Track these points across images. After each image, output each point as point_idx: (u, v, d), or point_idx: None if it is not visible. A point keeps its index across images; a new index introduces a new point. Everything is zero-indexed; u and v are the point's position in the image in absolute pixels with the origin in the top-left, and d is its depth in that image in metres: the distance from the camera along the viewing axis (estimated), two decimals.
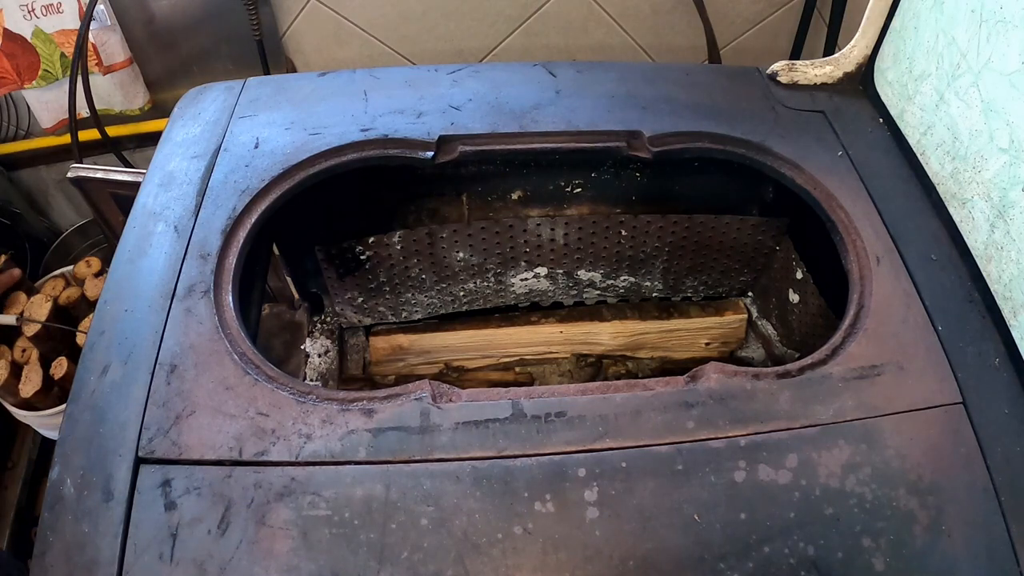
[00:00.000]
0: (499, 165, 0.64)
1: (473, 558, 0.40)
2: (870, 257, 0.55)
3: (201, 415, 0.44)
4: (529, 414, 0.45)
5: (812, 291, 0.70)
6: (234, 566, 0.39)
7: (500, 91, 0.64)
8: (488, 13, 1.15)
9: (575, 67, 0.68)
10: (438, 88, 0.64)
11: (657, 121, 0.62)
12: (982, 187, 0.53)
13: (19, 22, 0.99)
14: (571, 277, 0.79)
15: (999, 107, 0.51)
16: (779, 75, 0.69)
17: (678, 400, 0.46)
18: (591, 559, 0.40)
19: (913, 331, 0.50)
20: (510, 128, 0.61)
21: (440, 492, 0.42)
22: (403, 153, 0.59)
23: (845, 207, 0.58)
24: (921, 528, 0.42)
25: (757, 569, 0.40)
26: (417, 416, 0.44)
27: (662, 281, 0.80)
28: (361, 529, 0.40)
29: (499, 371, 0.83)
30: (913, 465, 0.44)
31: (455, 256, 0.73)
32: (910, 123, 0.63)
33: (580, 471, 0.43)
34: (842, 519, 0.42)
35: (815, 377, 0.48)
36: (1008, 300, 0.51)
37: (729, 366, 0.48)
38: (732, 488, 0.43)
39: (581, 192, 0.68)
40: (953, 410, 0.47)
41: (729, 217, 0.72)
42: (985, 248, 0.53)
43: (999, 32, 0.51)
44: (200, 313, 0.48)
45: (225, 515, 0.40)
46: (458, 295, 0.79)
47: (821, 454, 0.44)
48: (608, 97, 0.64)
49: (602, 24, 1.19)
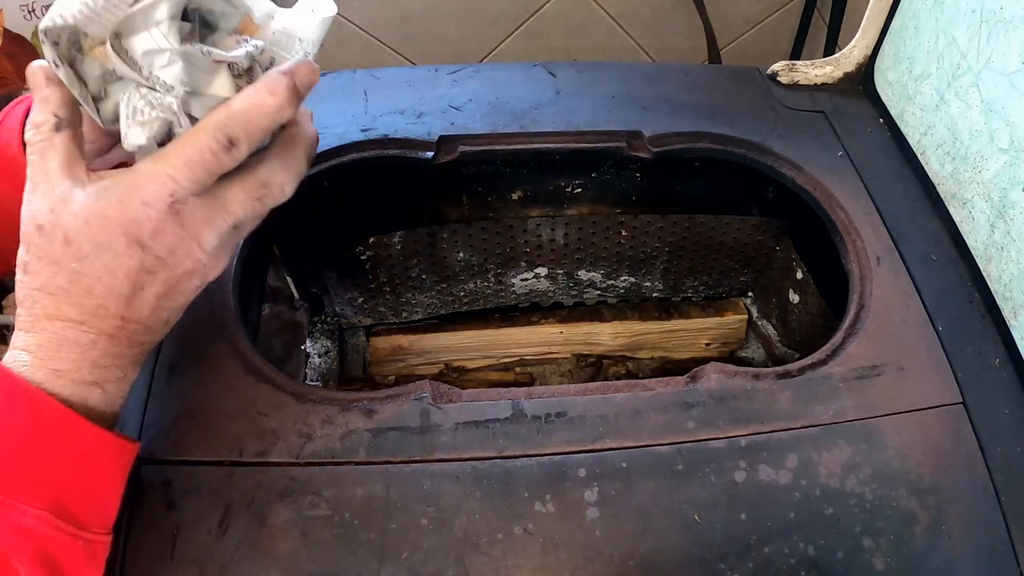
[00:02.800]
0: (499, 165, 0.64)
1: (473, 558, 0.40)
2: (870, 257, 0.55)
3: (201, 415, 0.44)
4: (529, 414, 0.45)
5: (812, 291, 0.70)
6: (234, 566, 0.39)
7: (500, 91, 0.64)
8: (488, 13, 1.15)
9: (575, 67, 0.68)
10: (438, 88, 0.64)
11: (657, 121, 0.62)
12: (982, 187, 0.53)
13: (19, 22, 0.99)
14: (571, 277, 0.79)
15: (999, 107, 0.51)
16: (779, 75, 0.69)
17: (678, 400, 0.46)
18: (591, 559, 0.40)
19: (913, 331, 0.51)
20: (510, 128, 0.61)
21: (440, 492, 0.42)
22: (403, 153, 0.59)
23: (845, 207, 0.58)
24: (921, 528, 0.42)
25: (757, 569, 0.40)
26: (417, 416, 0.44)
27: (662, 281, 0.80)
28: (361, 529, 0.40)
29: (499, 371, 0.83)
30: (913, 465, 0.44)
31: (455, 256, 0.73)
32: (910, 123, 0.63)
33: (580, 471, 0.43)
34: (842, 519, 0.42)
35: (815, 377, 0.48)
36: (1008, 300, 0.51)
37: (729, 366, 0.48)
38: (732, 488, 0.43)
39: (581, 192, 0.68)
40: (953, 410, 0.47)
41: (729, 217, 0.72)
42: (985, 248, 0.53)
43: (999, 32, 0.51)
44: (200, 313, 0.48)
45: (225, 515, 0.40)
46: (458, 295, 0.79)
47: (821, 454, 0.44)
48: (608, 97, 0.64)
49: (602, 24, 1.19)
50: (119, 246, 0.35)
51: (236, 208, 0.38)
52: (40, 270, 0.36)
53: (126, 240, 0.35)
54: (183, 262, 0.37)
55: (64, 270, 0.35)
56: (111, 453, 0.38)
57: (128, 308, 0.37)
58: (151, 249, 0.36)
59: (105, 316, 0.36)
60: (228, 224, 0.38)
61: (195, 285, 0.39)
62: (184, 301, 0.39)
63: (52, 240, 0.35)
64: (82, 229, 0.35)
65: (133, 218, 0.35)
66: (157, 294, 0.37)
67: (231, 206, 0.38)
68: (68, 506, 0.35)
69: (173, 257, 0.37)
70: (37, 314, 0.36)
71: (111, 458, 0.38)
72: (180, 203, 0.36)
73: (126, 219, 0.35)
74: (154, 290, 0.37)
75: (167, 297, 0.38)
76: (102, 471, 0.37)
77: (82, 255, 0.35)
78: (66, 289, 0.35)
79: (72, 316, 0.36)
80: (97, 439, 0.37)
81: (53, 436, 0.35)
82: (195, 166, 0.35)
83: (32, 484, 0.34)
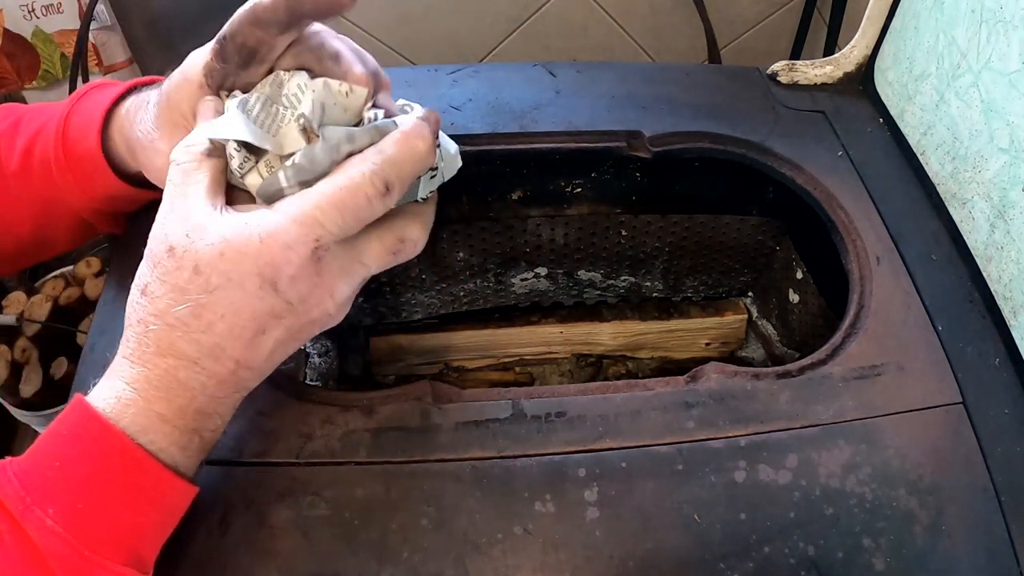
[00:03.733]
0: (499, 165, 0.64)
1: (473, 558, 0.40)
2: (870, 257, 0.55)
3: None
4: (529, 414, 0.45)
5: (812, 291, 0.70)
6: (234, 566, 0.39)
7: (500, 91, 0.64)
8: (488, 13, 1.15)
9: (575, 67, 0.68)
10: (438, 88, 0.64)
11: (657, 121, 0.62)
12: (982, 187, 0.53)
13: (19, 22, 0.99)
14: (571, 277, 0.79)
15: (999, 107, 0.51)
16: (779, 75, 0.69)
17: (678, 400, 0.46)
18: (591, 559, 0.40)
19: (913, 331, 0.51)
20: (510, 128, 0.61)
21: (440, 492, 0.42)
22: None
23: (845, 207, 0.58)
24: (921, 528, 0.42)
25: (757, 569, 0.40)
26: (417, 416, 0.44)
27: (662, 281, 0.80)
28: (361, 529, 0.40)
29: (499, 371, 0.83)
30: (913, 465, 0.44)
31: (455, 256, 0.73)
32: (910, 123, 0.63)
33: (580, 471, 0.43)
34: (842, 519, 0.42)
35: (815, 377, 0.48)
36: (1008, 300, 0.51)
37: (729, 366, 0.48)
38: (732, 488, 0.43)
39: (581, 192, 0.68)
40: (953, 410, 0.47)
41: (729, 217, 0.72)
42: (985, 248, 0.53)
43: (999, 32, 0.51)
44: None
45: (225, 515, 0.40)
46: (458, 295, 0.79)
47: (821, 454, 0.44)
48: (608, 97, 0.64)
49: (602, 24, 1.19)
50: (251, 285, 0.33)
51: (371, 261, 0.37)
52: (162, 295, 0.34)
53: (259, 280, 0.33)
54: (312, 311, 0.36)
55: (188, 300, 0.33)
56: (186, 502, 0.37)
57: (246, 352, 0.35)
58: (284, 294, 0.34)
59: (221, 357, 0.34)
60: (362, 277, 0.37)
61: (315, 333, 0.37)
62: (297, 347, 0.38)
63: (182, 266, 0.33)
64: (215, 261, 0.33)
65: (271, 260, 0.33)
66: (277, 340, 0.35)
67: (367, 258, 0.37)
68: (145, 557, 0.35)
69: (304, 305, 0.35)
70: (148, 344, 0.34)
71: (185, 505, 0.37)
72: (323, 250, 0.34)
73: (264, 260, 0.33)
74: (276, 336, 0.35)
75: (285, 344, 0.36)
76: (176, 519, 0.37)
77: (210, 288, 0.33)
78: (185, 322, 0.33)
79: (187, 353, 0.34)
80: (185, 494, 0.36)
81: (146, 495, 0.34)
82: (347, 212, 0.34)
83: (121, 541, 0.33)
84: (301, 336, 0.37)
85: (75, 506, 0.32)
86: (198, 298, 0.33)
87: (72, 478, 0.33)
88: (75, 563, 0.32)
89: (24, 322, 0.94)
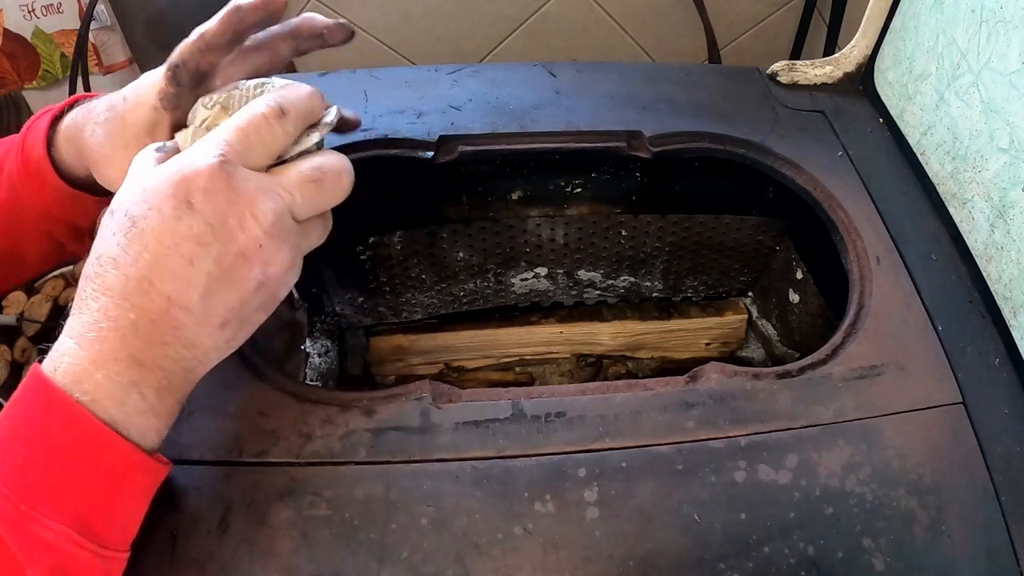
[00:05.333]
0: (499, 165, 0.64)
1: (473, 558, 0.40)
2: (870, 257, 0.55)
3: (201, 415, 0.44)
4: (529, 414, 0.45)
5: (812, 291, 0.70)
6: (234, 566, 0.39)
7: (500, 91, 0.64)
8: (488, 13, 1.15)
9: (575, 67, 0.68)
10: (438, 88, 0.64)
11: (657, 121, 0.62)
12: (982, 187, 0.53)
13: (19, 22, 1.00)
14: (571, 277, 0.79)
15: (999, 107, 0.51)
16: (779, 75, 0.69)
17: (678, 400, 0.46)
18: (591, 559, 0.40)
19: (913, 331, 0.51)
20: (510, 128, 0.61)
21: (440, 492, 0.42)
22: (403, 153, 0.59)
23: (845, 207, 0.58)
24: (921, 528, 0.42)
25: (757, 569, 0.40)
26: (417, 416, 0.44)
27: (662, 281, 0.80)
28: (361, 529, 0.40)
29: (499, 371, 0.83)
30: (913, 465, 0.44)
31: (455, 256, 0.73)
32: (910, 123, 0.63)
33: (580, 471, 0.43)
34: (842, 519, 0.42)
35: (815, 377, 0.48)
36: (1008, 300, 0.51)
37: (729, 366, 0.48)
38: (732, 488, 0.43)
39: (581, 192, 0.68)
40: (953, 410, 0.47)
41: (729, 217, 0.72)
42: (985, 248, 0.53)
43: (999, 32, 0.51)
44: None
45: (225, 515, 0.40)
46: (458, 295, 0.79)
47: (821, 454, 0.44)
48: (608, 97, 0.64)
49: (602, 24, 1.19)
50: (168, 207, 0.35)
51: (294, 188, 0.38)
52: (99, 243, 0.36)
53: (175, 201, 0.35)
54: (236, 236, 0.35)
55: (118, 239, 0.35)
56: (143, 472, 0.36)
57: (176, 285, 0.35)
58: (201, 212, 0.35)
59: (149, 291, 0.34)
60: (284, 201, 0.37)
61: (253, 279, 0.36)
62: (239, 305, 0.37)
63: (116, 217, 0.36)
64: (138, 198, 0.35)
65: (183, 178, 0.35)
66: (210, 275, 0.35)
67: (286, 183, 0.38)
68: (93, 524, 0.34)
69: (224, 228, 0.35)
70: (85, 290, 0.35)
71: (142, 477, 0.36)
72: (231, 165, 0.36)
73: (175, 179, 0.35)
74: (206, 268, 0.35)
75: (221, 282, 0.35)
76: (131, 490, 0.36)
77: (134, 221, 0.35)
78: (115, 258, 0.35)
79: (115, 287, 0.34)
80: (130, 458, 0.35)
81: (86, 451, 0.34)
82: (248, 129, 0.37)
83: (59, 498, 0.33)
84: (237, 275, 0.36)
85: (15, 462, 0.33)
86: (126, 233, 0.35)
87: (16, 436, 0.34)
88: (11, 516, 0.32)
89: (24, 322, 0.94)
